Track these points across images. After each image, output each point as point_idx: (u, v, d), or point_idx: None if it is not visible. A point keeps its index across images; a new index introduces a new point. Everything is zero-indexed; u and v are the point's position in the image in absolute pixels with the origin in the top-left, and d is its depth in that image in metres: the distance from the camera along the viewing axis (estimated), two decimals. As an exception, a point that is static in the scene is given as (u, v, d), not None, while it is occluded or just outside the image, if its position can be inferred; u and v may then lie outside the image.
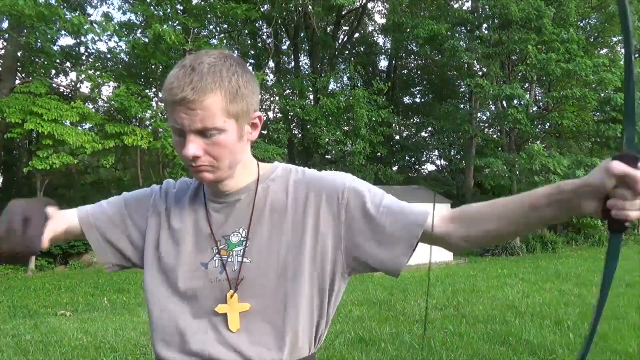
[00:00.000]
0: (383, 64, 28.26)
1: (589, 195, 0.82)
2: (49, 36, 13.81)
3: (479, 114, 22.61)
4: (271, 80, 21.28)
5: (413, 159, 27.19)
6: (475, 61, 18.80)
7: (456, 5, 21.46)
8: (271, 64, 22.02)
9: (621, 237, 0.84)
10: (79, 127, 14.44)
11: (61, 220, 1.04)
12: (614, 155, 0.79)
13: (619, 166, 0.77)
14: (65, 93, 18.28)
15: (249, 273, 0.98)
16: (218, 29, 21.29)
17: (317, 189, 1.03)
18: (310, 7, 18.55)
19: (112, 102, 15.51)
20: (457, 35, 19.27)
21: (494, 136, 23.87)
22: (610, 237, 0.85)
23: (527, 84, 19.20)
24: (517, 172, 16.72)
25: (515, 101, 17.87)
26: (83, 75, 15.90)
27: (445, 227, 1.00)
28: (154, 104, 18.39)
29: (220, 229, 1.02)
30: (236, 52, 19.48)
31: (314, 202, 1.01)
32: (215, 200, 1.04)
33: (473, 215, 0.99)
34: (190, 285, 0.99)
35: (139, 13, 15.65)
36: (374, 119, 18.46)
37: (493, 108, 20.98)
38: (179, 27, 15.36)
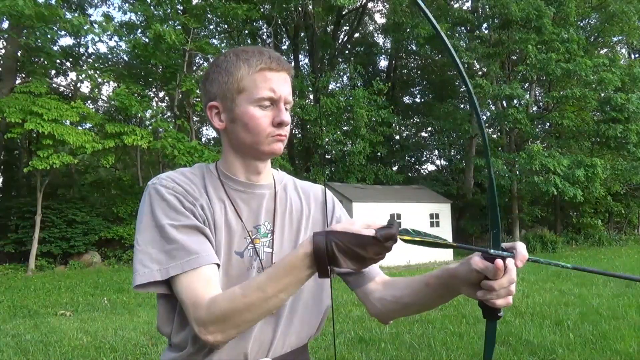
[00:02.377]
0: (383, 64, 28.30)
1: (464, 283, 0.92)
2: (49, 36, 13.82)
3: (479, 114, 22.58)
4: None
5: (413, 159, 27.20)
6: (475, 61, 18.79)
7: (456, 5, 21.46)
8: (271, 64, 21.99)
9: (496, 324, 0.94)
10: (79, 127, 14.45)
11: None
12: (482, 254, 0.88)
13: (479, 263, 0.87)
14: (65, 93, 18.29)
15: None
16: (218, 29, 21.32)
17: (313, 199, 1.18)
18: (310, 7, 18.55)
19: (113, 101, 15.53)
20: (457, 35, 19.27)
21: (494, 136, 23.87)
22: (486, 324, 0.95)
23: (527, 84, 19.20)
24: (517, 172, 16.72)
25: (515, 101, 17.88)
26: (83, 75, 15.91)
27: (375, 286, 1.13)
28: (154, 103, 18.41)
29: (250, 219, 1.06)
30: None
31: (313, 209, 1.17)
32: (242, 191, 1.07)
33: (393, 281, 1.14)
34: (230, 273, 1.02)
35: (139, 13, 15.66)
36: (374, 119, 18.46)
37: (493, 108, 20.97)
38: (179, 27, 15.36)
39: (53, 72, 17.68)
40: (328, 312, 1.14)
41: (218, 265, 0.97)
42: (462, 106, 23.76)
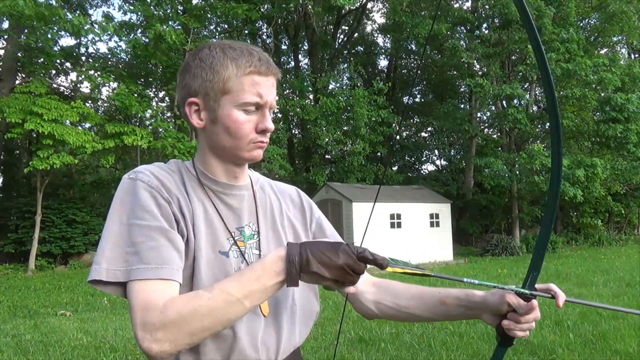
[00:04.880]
0: (383, 64, 28.30)
1: (489, 311, 1.03)
2: (49, 36, 13.81)
3: (479, 114, 22.62)
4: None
5: (413, 159, 27.19)
6: (475, 61, 18.80)
7: (456, 5, 21.46)
8: (271, 64, 22.01)
9: (506, 350, 1.06)
10: (79, 127, 14.44)
11: None
12: (515, 290, 0.99)
13: (513, 298, 0.98)
14: (65, 93, 18.29)
15: None
16: (218, 29, 21.30)
17: (289, 199, 1.18)
18: (310, 7, 18.54)
19: (113, 101, 15.52)
20: (457, 35, 19.27)
21: (494, 136, 23.87)
22: (497, 348, 1.05)
23: (527, 84, 19.20)
24: (517, 172, 16.72)
25: (515, 101, 17.87)
26: (83, 76, 15.91)
27: (365, 287, 1.12)
28: (154, 103, 18.39)
29: (232, 220, 1.03)
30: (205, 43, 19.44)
31: (292, 210, 1.17)
32: (222, 192, 1.04)
33: (390, 286, 1.14)
34: (216, 273, 0.97)
35: (139, 13, 15.65)
36: (374, 119, 18.45)
37: (493, 108, 20.97)
38: (179, 27, 15.36)
39: (53, 72, 17.67)
40: (317, 316, 1.12)
41: (179, 284, 0.90)
42: (462, 106, 23.78)
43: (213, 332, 0.85)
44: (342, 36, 25.29)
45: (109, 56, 18.29)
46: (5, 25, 15.08)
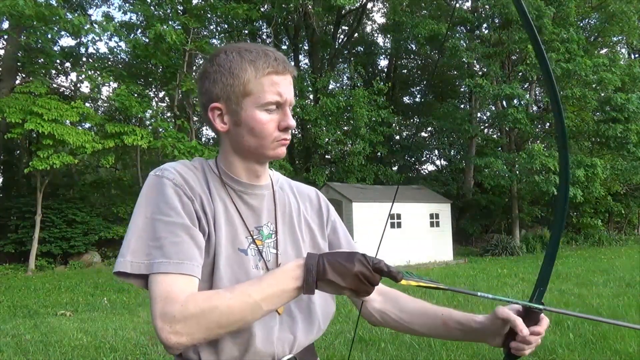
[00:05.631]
0: (383, 64, 28.30)
1: (490, 335, 1.04)
2: (49, 36, 13.80)
3: (479, 114, 22.62)
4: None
5: (413, 159, 27.20)
6: (475, 61, 18.79)
7: (457, 6, 21.44)
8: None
9: None
10: (79, 127, 14.44)
11: None
12: (522, 307, 0.99)
13: (504, 313, 0.99)
14: (65, 93, 18.29)
15: (284, 262, 1.06)
16: (218, 29, 21.31)
17: (308, 201, 1.21)
18: (310, 7, 18.54)
19: (113, 101, 15.51)
20: (457, 35, 19.26)
21: (494, 136, 23.86)
22: None
23: (527, 84, 19.19)
24: (517, 172, 16.71)
25: (515, 101, 17.86)
26: (83, 75, 15.91)
27: (373, 295, 1.11)
28: (154, 103, 18.39)
29: (251, 219, 1.06)
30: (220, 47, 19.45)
31: (309, 211, 1.19)
32: (243, 191, 1.07)
33: (396, 298, 1.17)
34: (235, 269, 1.00)
35: (139, 13, 15.65)
36: (374, 119, 18.45)
37: (493, 108, 20.96)
38: (179, 27, 15.36)
39: (53, 72, 17.67)
40: (333, 315, 1.16)
41: (199, 280, 0.94)
42: (462, 106, 23.77)
43: (229, 330, 0.88)
44: (342, 36, 25.30)
45: (109, 56, 18.31)
46: (5, 25, 15.08)
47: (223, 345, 0.96)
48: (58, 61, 16.61)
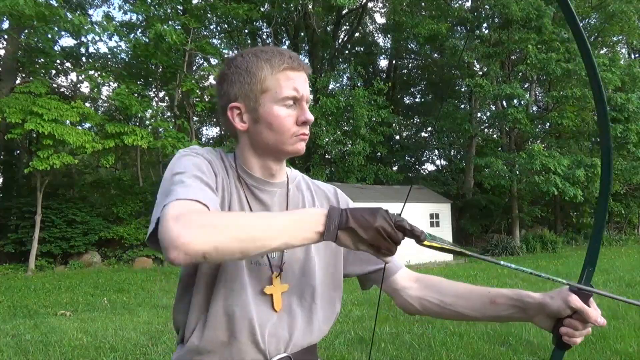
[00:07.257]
0: (383, 63, 28.29)
1: (545, 314, 0.98)
2: (49, 36, 13.81)
3: (479, 114, 22.62)
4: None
5: (413, 159, 27.20)
6: (475, 61, 18.80)
7: (456, 5, 21.46)
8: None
9: (564, 353, 0.99)
10: (79, 127, 14.44)
11: None
12: (571, 286, 0.91)
13: (577, 302, 0.93)
14: (65, 93, 18.28)
15: (288, 260, 1.06)
16: (218, 28, 21.32)
17: (325, 199, 1.20)
18: (310, 7, 18.54)
19: (113, 101, 15.52)
20: (457, 34, 19.27)
21: (494, 136, 23.86)
22: (554, 351, 0.98)
23: (527, 84, 19.20)
24: (517, 172, 16.71)
25: (515, 101, 17.87)
26: (83, 75, 15.91)
27: (408, 282, 1.14)
28: (154, 103, 18.39)
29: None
30: (236, 52, 19.49)
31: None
32: (255, 186, 1.08)
33: (435, 283, 1.14)
34: (232, 266, 1.00)
35: (139, 13, 15.65)
36: (374, 119, 18.45)
37: (493, 108, 20.95)
38: (179, 27, 15.37)
39: (53, 72, 17.67)
40: (337, 317, 1.15)
41: None
42: (462, 106, 23.76)
43: (240, 248, 0.80)
44: (342, 36, 25.29)
45: (109, 56, 18.30)
46: (5, 25, 15.08)
47: (214, 324, 0.97)
48: (58, 61, 16.62)
